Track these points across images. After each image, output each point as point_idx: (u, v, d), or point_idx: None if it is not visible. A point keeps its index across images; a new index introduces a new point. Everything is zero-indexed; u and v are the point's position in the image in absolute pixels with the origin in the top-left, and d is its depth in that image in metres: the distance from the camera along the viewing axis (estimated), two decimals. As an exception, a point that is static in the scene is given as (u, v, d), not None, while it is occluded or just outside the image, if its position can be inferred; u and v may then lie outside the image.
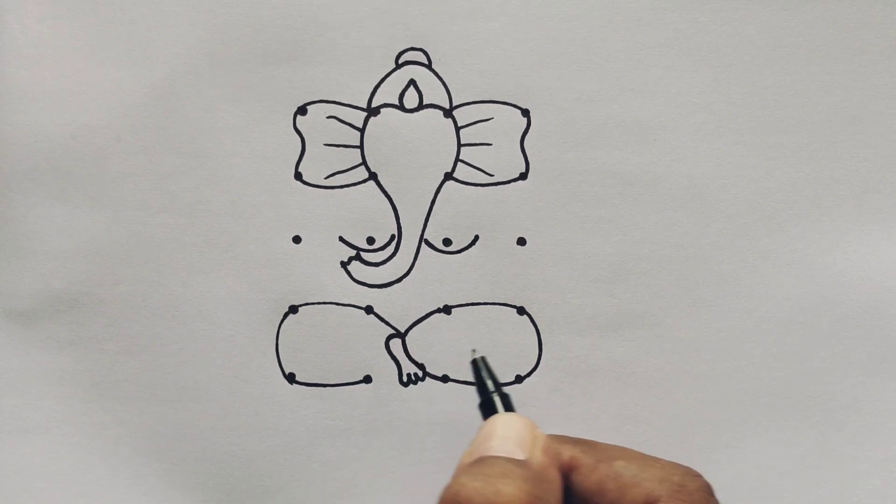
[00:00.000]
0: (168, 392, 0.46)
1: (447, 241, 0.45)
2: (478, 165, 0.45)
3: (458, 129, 0.45)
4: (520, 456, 0.33)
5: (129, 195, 0.45)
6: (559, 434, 0.36)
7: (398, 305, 0.45)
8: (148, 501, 0.46)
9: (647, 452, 0.38)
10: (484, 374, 0.38)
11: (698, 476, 0.35)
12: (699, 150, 0.44)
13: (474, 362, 0.38)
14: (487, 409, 0.37)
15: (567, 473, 0.35)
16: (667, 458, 0.41)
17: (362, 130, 0.45)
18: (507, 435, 0.34)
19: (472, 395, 0.45)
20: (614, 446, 0.36)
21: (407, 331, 0.45)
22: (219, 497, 0.46)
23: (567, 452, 0.35)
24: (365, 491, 0.46)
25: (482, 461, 0.33)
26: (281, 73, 0.45)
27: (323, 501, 0.46)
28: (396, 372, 0.45)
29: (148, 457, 0.46)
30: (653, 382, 0.45)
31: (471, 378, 0.45)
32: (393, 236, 0.45)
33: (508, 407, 0.37)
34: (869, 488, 0.44)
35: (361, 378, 0.45)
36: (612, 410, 0.45)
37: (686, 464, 0.37)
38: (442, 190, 0.45)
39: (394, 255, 0.45)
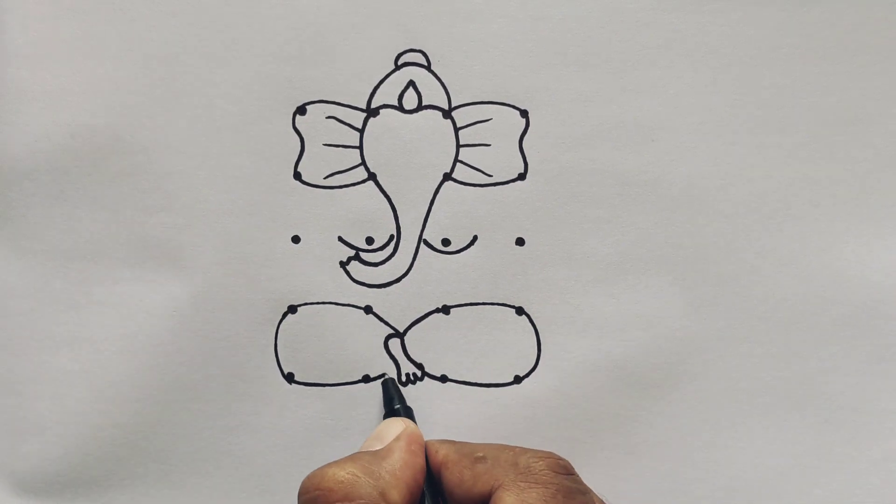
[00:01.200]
0: (168, 392, 0.46)
1: (446, 242, 0.45)
2: (477, 166, 0.45)
3: (456, 129, 0.45)
4: (377, 447, 0.39)
5: (129, 195, 0.45)
6: (449, 438, 0.41)
7: (397, 305, 0.45)
8: (147, 501, 0.46)
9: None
10: (392, 391, 0.44)
11: (548, 456, 0.37)
12: (698, 150, 0.44)
13: (384, 383, 0.44)
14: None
15: (440, 470, 0.38)
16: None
17: (362, 131, 0.45)
18: (378, 433, 0.40)
19: (471, 394, 0.45)
20: (486, 444, 0.39)
21: (406, 331, 0.45)
22: (218, 497, 0.46)
23: (442, 451, 0.39)
24: (364, 491, 0.46)
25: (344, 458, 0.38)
26: (281, 72, 0.45)
27: (322, 501, 0.46)
28: (395, 372, 0.45)
29: (146, 457, 0.46)
30: (652, 382, 0.45)
31: (471, 378, 0.45)
32: (392, 236, 0.45)
33: (407, 415, 0.42)
34: (868, 487, 0.44)
35: (360, 378, 0.45)
36: (611, 410, 0.45)
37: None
38: (441, 190, 0.45)
39: (393, 255, 0.45)
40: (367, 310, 0.45)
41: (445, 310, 0.45)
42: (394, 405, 0.43)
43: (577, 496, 0.36)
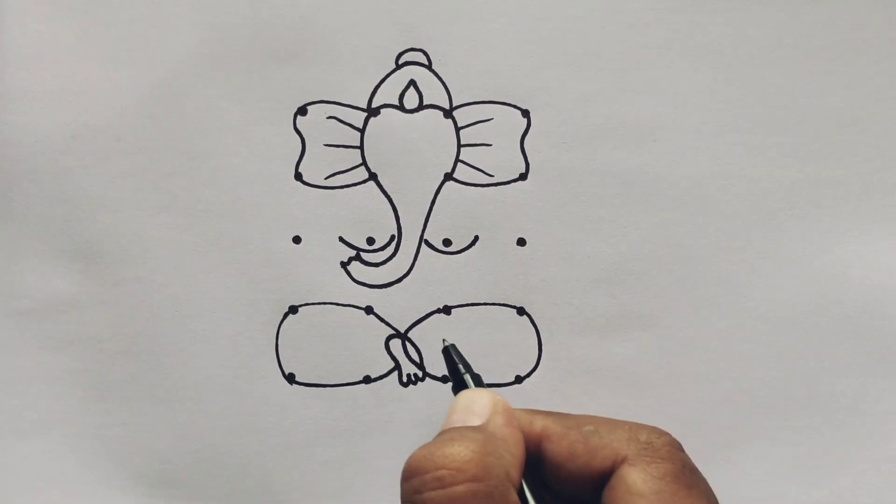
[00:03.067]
0: (168, 392, 0.46)
1: (447, 242, 0.45)
2: (478, 166, 0.45)
3: (458, 129, 0.45)
4: (476, 423, 0.35)
5: (129, 195, 0.45)
6: (536, 409, 0.37)
7: (398, 306, 0.45)
8: (148, 501, 0.46)
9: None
10: (456, 358, 0.39)
11: (665, 433, 0.36)
12: (699, 150, 0.44)
13: (446, 350, 0.39)
14: (460, 390, 0.38)
15: (540, 443, 0.36)
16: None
17: (362, 131, 0.45)
18: (466, 407, 0.36)
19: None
20: (585, 415, 0.37)
21: (407, 331, 0.45)
22: (219, 497, 0.46)
23: (539, 423, 0.36)
24: (365, 491, 0.46)
25: (441, 433, 0.35)
26: (281, 73, 0.45)
27: (323, 501, 0.46)
28: (396, 372, 0.45)
29: (148, 457, 0.46)
30: (653, 382, 0.45)
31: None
32: (393, 236, 0.45)
33: (479, 384, 0.38)
34: (868, 487, 0.44)
35: (361, 378, 0.45)
36: (611, 410, 0.45)
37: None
38: (442, 190, 0.45)
39: (394, 255, 0.45)
40: (368, 310, 0.45)
41: (446, 310, 0.45)
42: (461, 374, 0.39)
43: (698, 474, 0.35)
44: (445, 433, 0.34)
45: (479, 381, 0.39)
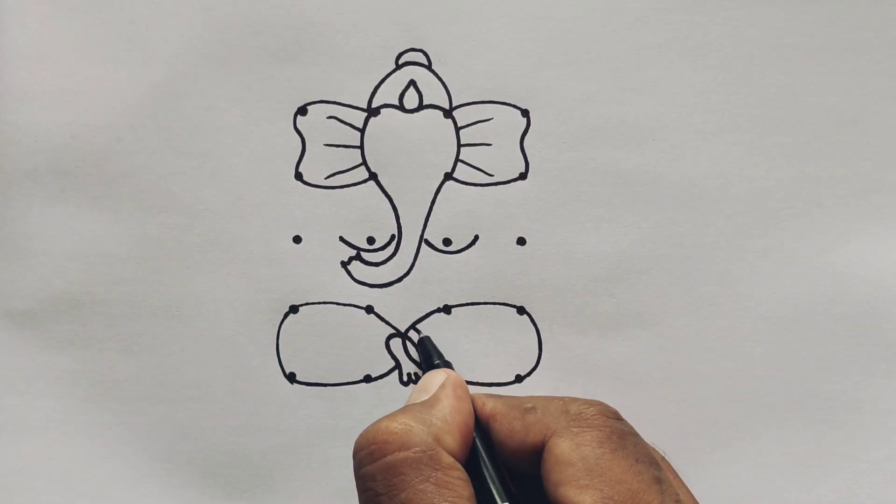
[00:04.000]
0: (168, 392, 0.46)
1: (447, 241, 0.45)
2: (478, 165, 0.45)
3: (457, 129, 0.45)
4: (423, 398, 0.39)
5: (129, 195, 0.45)
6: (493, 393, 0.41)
7: (398, 305, 0.45)
8: (148, 501, 0.46)
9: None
10: (430, 348, 0.44)
11: (597, 403, 0.38)
12: (699, 150, 0.44)
13: (420, 342, 0.44)
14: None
15: (489, 424, 0.38)
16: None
17: (362, 131, 0.45)
18: (421, 386, 0.40)
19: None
20: (533, 396, 0.39)
21: (407, 330, 0.45)
22: (219, 497, 0.46)
23: (489, 404, 0.39)
24: (365, 490, 0.46)
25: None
26: (281, 73, 0.45)
27: (323, 501, 0.46)
28: (396, 371, 0.45)
29: (148, 457, 0.46)
30: (652, 382, 0.45)
31: (472, 377, 0.45)
32: (393, 236, 0.45)
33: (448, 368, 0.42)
34: (868, 487, 0.44)
35: (361, 378, 0.45)
36: (611, 410, 0.45)
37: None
38: (442, 190, 0.45)
39: (394, 254, 0.45)
40: (369, 309, 0.45)
41: (447, 309, 0.45)
42: (433, 360, 0.43)
43: (629, 437, 0.37)
44: (395, 411, 0.38)
45: (448, 366, 0.42)
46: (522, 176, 0.45)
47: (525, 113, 0.45)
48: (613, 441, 0.36)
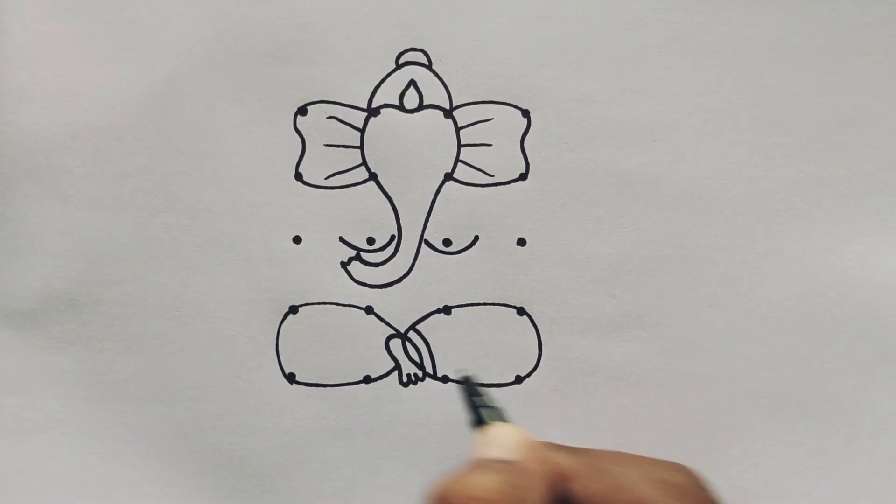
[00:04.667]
0: (168, 392, 0.46)
1: (447, 242, 0.45)
2: (478, 166, 0.45)
3: (458, 129, 0.45)
4: (504, 456, 0.35)
5: (129, 195, 0.45)
6: (554, 442, 0.37)
7: (398, 306, 0.45)
8: (148, 501, 0.46)
9: (647, 453, 0.38)
10: (478, 391, 0.38)
11: (681, 468, 0.36)
12: (699, 150, 0.44)
13: (465, 382, 0.39)
14: (480, 423, 0.37)
15: (563, 482, 0.35)
16: (667, 458, 0.41)
17: (362, 131, 0.45)
18: (495, 440, 0.36)
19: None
20: (607, 452, 0.37)
21: (407, 331, 0.45)
22: (219, 497, 0.46)
23: (565, 462, 0.36)
24: (365, 491, 0.46)
25: (471, 463, 0.34)
26: (281, 73, 0.45)
27: (323, 501, 0.46)
28: (396, 372, 0.45)
29: (148, 457, 0.46)
30: (653, 383, 0.45)
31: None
32: (393, 236, 0.45)
33: (500, 418, 0.37)
34: (869, 488, 0.44)
35: (361, 378, 0.45)
36: (611, 411, 0.45)
37: (686, 464, 0.38)
38: (442, 190, 0.45)
39: (394, 255, 0.45)
40: (368, 310, 0.45)
41: (447, 310, 0.45)
42: (485, 408, 0.38)
43: None
44: (476, 463, 0.34)
45: (500, 414, 0.38)
46: (523, 176, 0.45)
47: (525, 113, 0.45)
48: None
